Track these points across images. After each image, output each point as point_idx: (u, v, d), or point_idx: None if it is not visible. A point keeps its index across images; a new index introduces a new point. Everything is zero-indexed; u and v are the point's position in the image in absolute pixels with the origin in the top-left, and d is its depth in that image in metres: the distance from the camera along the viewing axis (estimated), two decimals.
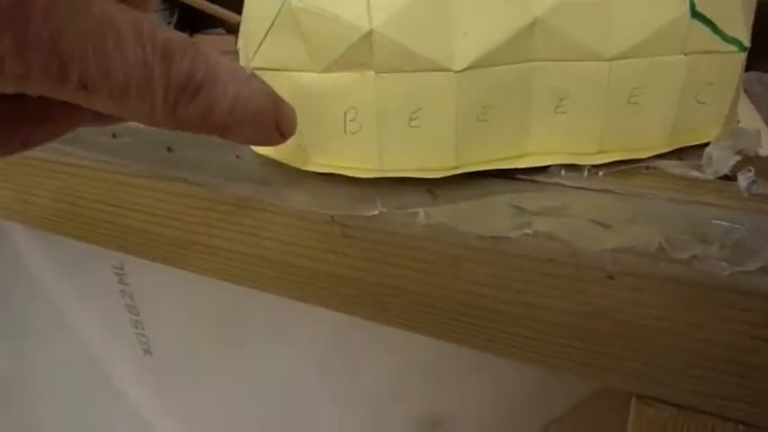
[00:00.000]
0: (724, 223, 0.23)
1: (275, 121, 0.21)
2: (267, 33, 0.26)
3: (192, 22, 1.38)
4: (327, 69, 0.25)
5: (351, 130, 0.26)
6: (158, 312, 0.45)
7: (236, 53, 0.30)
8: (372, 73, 0.25)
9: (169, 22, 1.35)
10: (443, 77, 0.25)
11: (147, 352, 0.47)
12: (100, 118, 0.21)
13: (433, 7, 0.24)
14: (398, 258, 0.25)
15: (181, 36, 0.18)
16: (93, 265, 0.44)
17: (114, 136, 0.35)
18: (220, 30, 1.35)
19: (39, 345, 0.52)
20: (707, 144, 0.28)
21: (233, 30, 1.31)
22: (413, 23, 0.24)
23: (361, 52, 0.25)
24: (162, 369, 0.47)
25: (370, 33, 0.24)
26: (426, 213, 0.24)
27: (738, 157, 0.25)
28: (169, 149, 0.33)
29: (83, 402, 0.53)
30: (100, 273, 0.44)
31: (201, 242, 0.30)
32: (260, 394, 0.45)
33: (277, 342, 0.41)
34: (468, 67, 0.25)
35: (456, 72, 0.25)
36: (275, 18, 0.26)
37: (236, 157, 0.31)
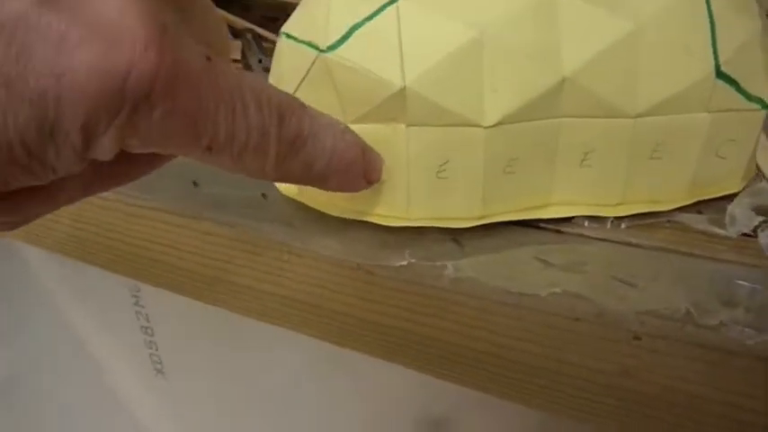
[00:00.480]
0: (747, 284, 0.23)
1: (364, 169, 0.23)
2: (300, 84, 0.27)
3: None
4: (359, 120, 0.26)
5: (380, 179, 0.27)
6: (172, 334, 0.46)
7: (240, 64, 0.30)
8: (403, 126, 0.25)
9: None
10: (472, 132, 0.25)
11: (160, 372, 0.48)
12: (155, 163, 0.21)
13: (465, 64, 0.25)
14: (425, 308, 0.26)
15: (288, 95, 0.20)
16: (108, 286, 0.45)
17: None
18: None
19: (51, 363, 0.53)
20: (726, 196, 0.28)
21: (238, 34, 1.31)
22: (445, 80, 0.25)
23: (394, 107, 0.25)
24: (174, 390, 0.48)
25: (403, 89, 0.25)
26: (455, 266, 0.25)
27: (761, 218, 0.26)
28: (195, 184, 0.33)
29: (94, 421, 0.54)
30: (115, 294, 0.45)
31: (225, 279, 0.31)
32: (272, 418, 0.45)
33: (289, 365, 0.42)
34: (498, 123, 0.25)
35: (485, 128, 0.25)
36: (309, 69, 0.26)
37: (262, 195, 0.32)
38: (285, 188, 0.31)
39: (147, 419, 0.50)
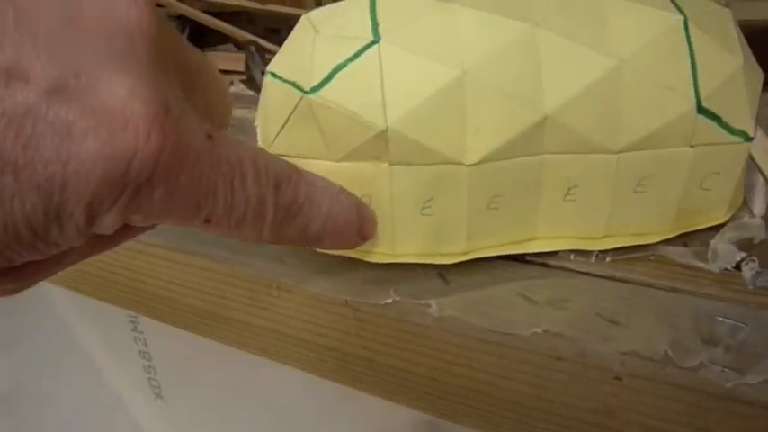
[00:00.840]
0: (728, 321, 0.23)
1: (358, 227, 0.24)
2: (286, 123, 0.27)
3: (202, 38, 1.40)
4: (343, 159, 0.26)
5: None
6: (170, 359, 0.46)
7: (243, 75, 0.31)
8: (387, 165, 0.26)
9: None
10: (456, 170, 0.26)
11: (159, 396, 0.48)
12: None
13: (447, 104, 0.25)
14: (410, 344, 0.26)
15: (286, 163, 0.20)
16: (108, 312, 0.45)
17: None
18: (229, 45, 1.36)
19: (51, 387, 0.53)
20: (712, 227, 0.28)
21: (242, 47, 1.32)
22: (427, 121, 0.25)
23: (377, 147, 0.25)
24: (173, 414, 0.48)
25: (385, 131, 0.25)
26: (438, 305, 0.25)
27: (743, 254, 0.26)
28: None
29: None
30: (115, 319, 0.45)
31: (221, 314, 0.31)
32: None
33: (285, 390, 0.42)
34: (480, 162, 0.25)
35: (468, 166, 0.25)
36: (294, 109, 0.27)
37: None
38: None
39: None
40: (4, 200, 0.14)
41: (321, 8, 0.29)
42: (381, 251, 0.28)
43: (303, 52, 0.27)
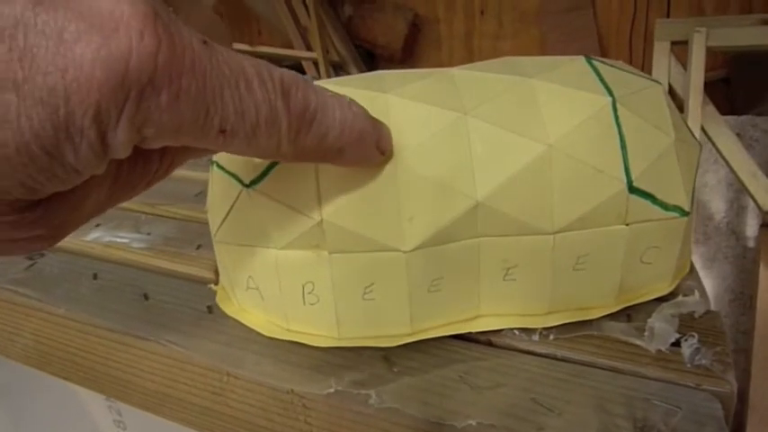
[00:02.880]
0: (663, 405, 0.24)
1: (376, 139, 0.23)
2: (228, 213, 0.28)
3: None
4: (285, 247, 0.27)
5: (309, 302, 0.27)
6: (144, 427, 0.46)
7: None
8: (326, 253, 0.26)
9: None
10: (394, 256, 0.26)
11: None
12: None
13: (380, 197, 0.25)
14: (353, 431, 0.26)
15: (290, 72, 0.20)
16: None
17: (95, 277, 0.37)
18: None
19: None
20: (658, 299, 0.29)
21: None
22: (361, 212, 0.25)
23: (315, 237, 0.26)
24: None
25: (321, 222, 0.25)
26: (378, 394, 0.25)
27: (677, 335, 0.26)
28: (146, 297, 0.34)
29: None
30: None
31: (175, 396, 0.31)
32: None
33: None
34: (417, 248, 0.26)
35: (405, 252, 0.26)
36: (235, 201, 0.27)
37: (208, 308, 0.32)
38: (226, 307, 0.31)
39: None
40: (10, 119, 0.14)
41: None
42: (326, 335, 0.28)
43: None
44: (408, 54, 1.50)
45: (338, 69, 1.49)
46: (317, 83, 0.24)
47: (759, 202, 0.96)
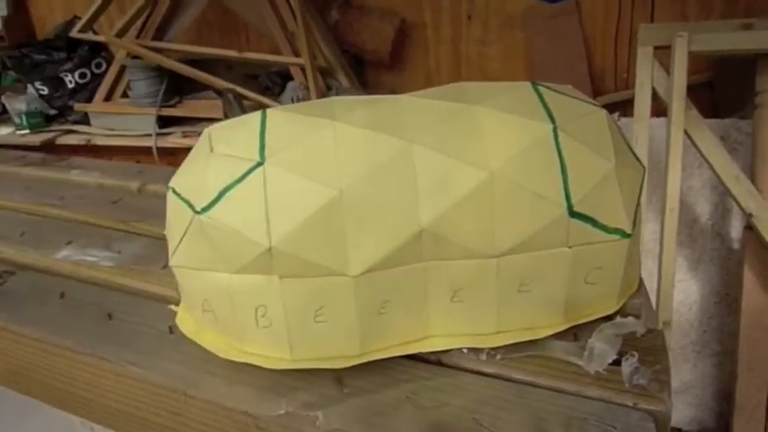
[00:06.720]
0: (599, 425, 0.24)
1: None
2: (182, 238, 0.28)
3: (181, 87, 1.43)
4: (237, 272, 0.27)
5: (262, 325, 0.28)
6: None
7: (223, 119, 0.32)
8: (276, 277, 0.27)
9: (158, 89, 1.39)
10: (341, 281, 0.27)
11: None
12: None
13: (327, 222, 0.26)
14: None
15: None
16: None
17: (62, 296, 0.38)
18: (209, 92, 1.39)
19: None
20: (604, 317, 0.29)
21: (220, 93, 1.34)
22: (308, 239, 0.26)
23: (265, 262, 0.27)
24: None
25: (269, 249, 0.26)
26: (326, 416, 0.26)
27: (615, 356, 0.27)
28: (110, 316, 0.35)
29: None
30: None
31: (138, 415, 0.32)
32: None
33: None
34: (364, 272, 0.27)
35: (352, 277, 0.27)
36: (188, 227, 0.28)
37: (169, 328, 0.33)
38: (185, 328, 0.32)
39: None
40: None
41: (224, 122, 0.31)
42: (279, 356, 0.29)
43: (197, 171, 0.28)
44: (396, 59, 1.50)
45: (326, 75, 1.49)
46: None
47: (742, 204, 0.97)
